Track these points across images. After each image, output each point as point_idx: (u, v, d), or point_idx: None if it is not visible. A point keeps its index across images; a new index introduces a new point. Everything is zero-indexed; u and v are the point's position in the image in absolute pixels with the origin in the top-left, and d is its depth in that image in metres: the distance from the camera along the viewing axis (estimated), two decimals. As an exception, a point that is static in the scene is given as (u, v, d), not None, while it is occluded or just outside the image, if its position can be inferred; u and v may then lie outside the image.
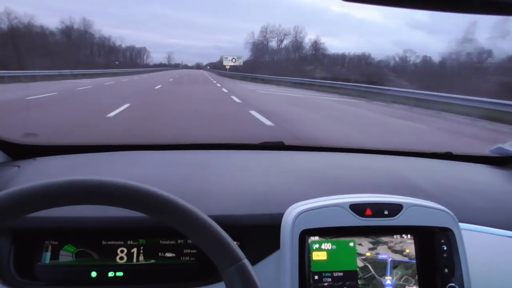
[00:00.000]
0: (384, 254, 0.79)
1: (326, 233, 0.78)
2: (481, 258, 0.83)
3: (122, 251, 0.79)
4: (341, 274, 0.77)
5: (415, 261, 0.80)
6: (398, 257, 0.80)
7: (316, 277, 0.76)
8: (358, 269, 0.78)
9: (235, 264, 0.54)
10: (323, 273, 0.76)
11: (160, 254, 0.80)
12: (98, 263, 0.78)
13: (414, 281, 0.79)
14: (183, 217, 0.54)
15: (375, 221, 0.79)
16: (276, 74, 27.42)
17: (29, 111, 7.53)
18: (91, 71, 24.81)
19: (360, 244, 0.79)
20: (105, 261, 0.78)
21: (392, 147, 1.46)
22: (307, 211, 0.77)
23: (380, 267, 0.79)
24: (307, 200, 0.82)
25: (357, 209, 0.78)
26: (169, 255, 0.80)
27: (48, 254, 0.77)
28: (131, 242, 0.79)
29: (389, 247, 0.80)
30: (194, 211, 0.55)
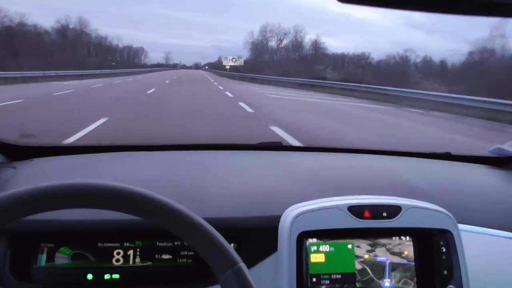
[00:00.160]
0: (382, 256, 0.79)
1: (324, 235, 0.77)
2: (480, 260, 0.83)
3: (118, 253, 0.78)
4: (339, 276, 0.76)
5: (413, 263, 0.80)
6: (396, 259, 0.79)
7: (314, 279, 0.75)
8: (356, 271, 0.77)
9: (231, 268, 0.53)
10: (321, 276, 0.76)
11: (156, 256, 0.79)
12: (94, 265, 0.77)
13: (413, 284, 0.79)
14: (178, 220, 0.53)
15: (374, 223, 0.78)
16: (280, 75, 25.96)
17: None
18: (80, 72, 23.19)
19: (358, 246, 0.78)
20: (101, 263, 0.77)
21: (391, 147, 1.45)
22: (305, 213, 0.77)
23: (379, 269, 0.78)
24: (305, 201, 0.82)
25: (356, 211, 0.78)
26: (165, 257, 0.79)
27: (44, 256, 0.76)
28: (127, 244, 0.79)
29: (388, 249, 0.79)
30: (189, 214, 0.54)
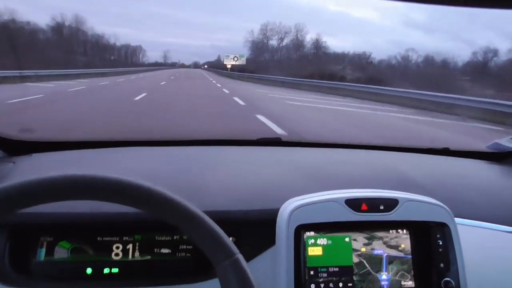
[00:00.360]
0: (379, 249, 0.79)
1: (322, 228, 0.78)
2: (476, 253, 0.83)
3: (117, 247, 0.78)
4: (336, 269, 0.77)
5: (410, 256, 0.80)
6: (393, 252, 0.80)
7: (312, 272, 0.76)
8: (353, 264, 0.78)
9: (228, 259, 0.53)
10: (319, 268, 0.76)
11: (155, 250, 0.79)
12: (94, 259, 0.77)
13: (410, 276, 0.79)
14: (176, 211, 0.54)
15: (371, 216, 0.79)
16: (290, 75, 22.79)
17: None
18: (64, 71, 19.85)
19: (355, 240, 0.79)
20: (100, 257, 0.78)
21: (390, 142, 1.46)
22: (302, 206, 0.77)
23: (376, 262, 0.79)
24: (303, 195, 0.82)
25: (353, 204, 0.78)
26: (165, 251, 0.80)
27: (43, 250, 0.77)
28: (126, 238, 0.79)
29: (384, 242, 0.80)
30: (187, 205, 0.54)
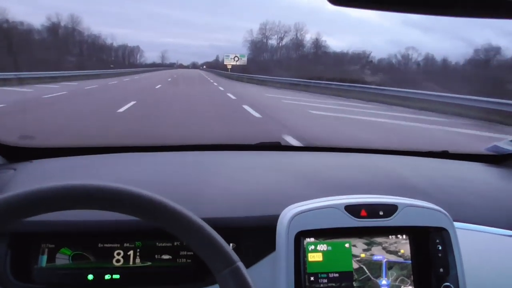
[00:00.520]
0: (378, 255, 0.80)
1: (322, 234, 0.78)
2: (476, 257, 0.84)
3: (118, 254, 0.79)
4: (336, 275, 0.77)
5: (410, 261, 0.81)
6: (393, 257, 0.80)
7: (312, 278, 0.76)
8: (353, 270, 0.78)
9: (229, 267, 0.53)
10: (319, 274, 0.77)
11: (156, 256, 0.80)
12: (95, 265, 0.78)
13: (409, 282, 0.80)
14: (175, 220, 0.54)
15: (370, 222, 0.79)
16: (297, 76, 20.17)
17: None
18: (50, 73, 17.81)
19: (355, 246, 0.79)
20: (101, 263, 0.78)
21: (389, 146, 1.46)
22: (302, 212, 0.78)
23: (375, 268, 0.79)
24: (302, 201, 0.82)
25: (352, 210, 0.79)
26: (165, 257, 0.80)
27: (45, 257, 0.77)
28: (127, 245, 0.79)
29: (384, 248, 0.80)
30: (187, 214, 0.55)
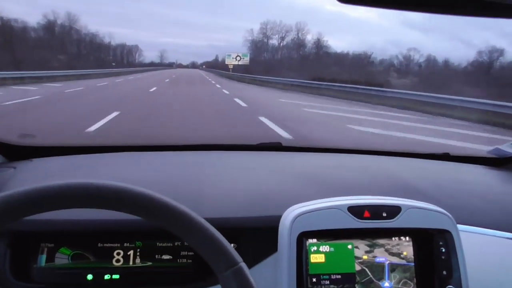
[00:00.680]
0: (381, 257, 0.79)
1: (324, 235, 0.78)
2: (479, 260, 0.83)
3: (118, 254, 0.78)
4: (339, 276, 0.76)
5: (413, 263, 0.80)
6: (395, 260, 0.80)
7: (314, 279, 0.76)
8: (356, 272, 0.78)
9: (231, 268, 0.53)
10: (321, 276, 0.76)
11: (156, 256, 0.79)
12: (94, 265, 0.77)
13: (412, 284, 0.79)
14: (178, 219, 0.53)
15: (373, 223, 0.78)
16: (305, 77, 18.69)
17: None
18: (34, 73, 17.82)
19: (357, 247, 0.79)
20: (101, 263, 0.77)
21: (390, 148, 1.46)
22: (305, 213, 0.77)
23: (378, 270, 0.78)
24: (305, 202, 0.82)
25: (355, 211, 0.78)
26: (166, 257, 0.79)
27: (44, 256, 0.76)
28: (127, 245, 0.79)
29: (386, 250, 0.80)
30: (189, 213, 0.54)
